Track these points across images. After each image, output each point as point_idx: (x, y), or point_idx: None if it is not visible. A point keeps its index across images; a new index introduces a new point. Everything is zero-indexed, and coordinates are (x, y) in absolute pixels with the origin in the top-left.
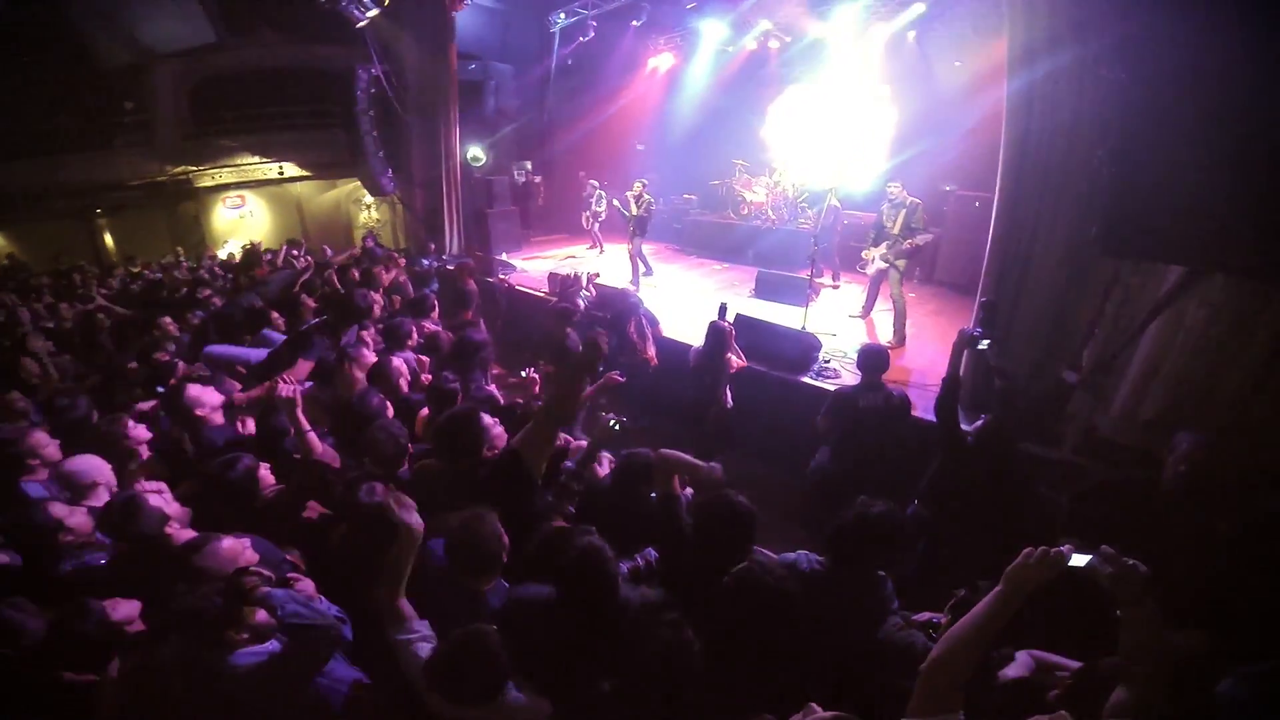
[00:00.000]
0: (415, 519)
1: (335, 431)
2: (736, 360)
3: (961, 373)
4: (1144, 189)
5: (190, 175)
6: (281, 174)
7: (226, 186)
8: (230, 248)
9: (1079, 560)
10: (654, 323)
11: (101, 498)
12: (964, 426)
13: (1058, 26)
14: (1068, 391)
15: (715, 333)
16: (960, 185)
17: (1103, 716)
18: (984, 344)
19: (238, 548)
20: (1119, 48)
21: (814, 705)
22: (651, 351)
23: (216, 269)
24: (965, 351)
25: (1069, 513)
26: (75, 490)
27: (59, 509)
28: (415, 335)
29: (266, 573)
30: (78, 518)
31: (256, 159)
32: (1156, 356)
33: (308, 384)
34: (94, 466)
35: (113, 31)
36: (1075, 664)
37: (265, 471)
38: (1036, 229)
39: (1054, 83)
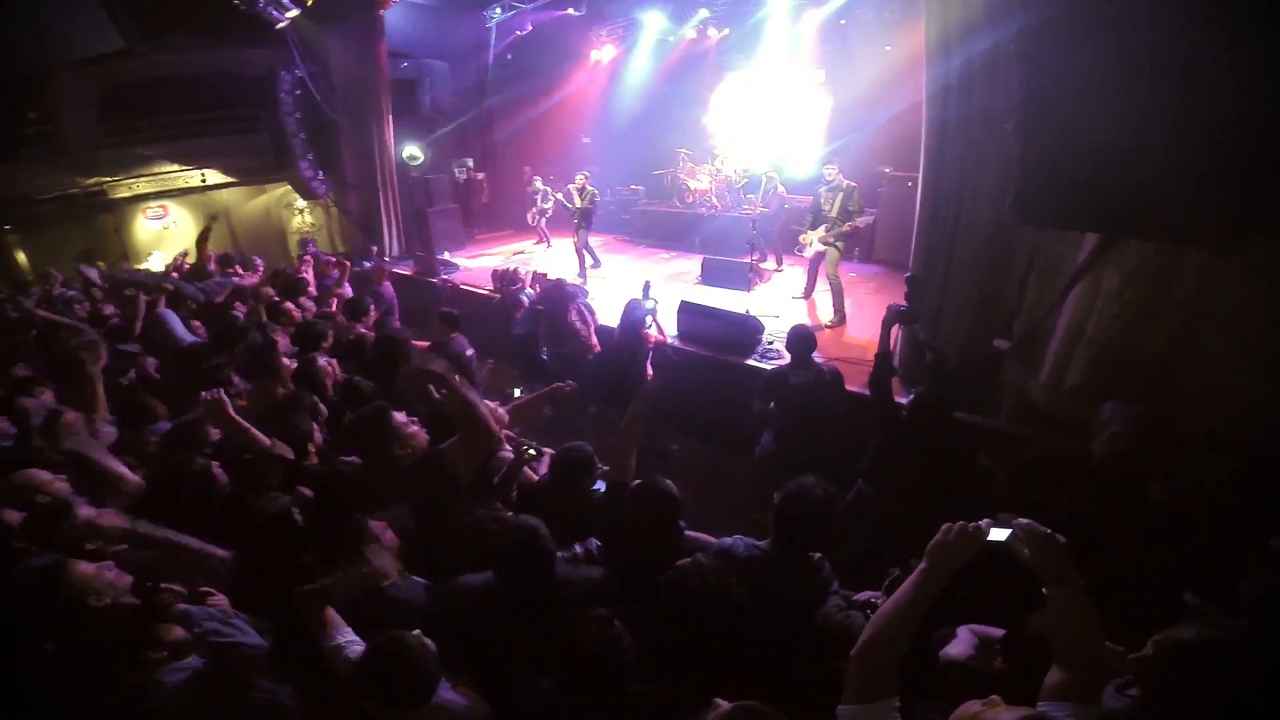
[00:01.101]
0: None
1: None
2: (655, 335)
3: (895, 348)
4: (1052, 158)
5: (105, 186)
6: (204, 182)
7: (146, 197)
8: (154, 261)
9: (999, 535)
10: (591, 312)
11: None
12: (900, 400)
13: (972, 13)
14: (999, 360)
15: (627, 309)
16: (895, 166)
17: (1040, 696)
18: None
19: (90, 570)
20: (1031, 29)
21: (718, 701)
22: (594, 339)
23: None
24: (895, 326)
25: (1007, 485)
26: None
27: (11, 514)
28: (330, 338)
29: (179, 588)
30: None
31: (176, 167)
32: (1079, 323)
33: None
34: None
35: (12, 39)
36: None
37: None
38: (960, 206)
39: (970, 68)
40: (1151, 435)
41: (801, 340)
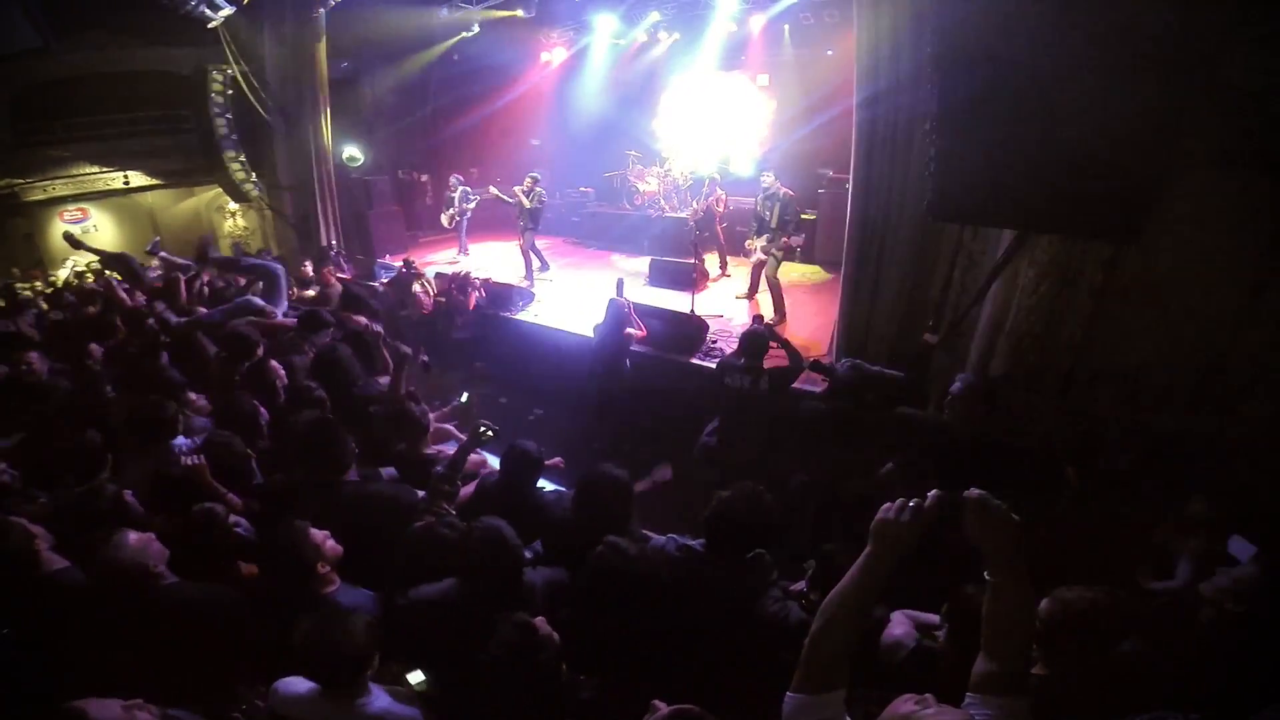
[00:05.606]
0: None
1: None
2: (636, 332)
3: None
4: (967, 158)
5: (16, 189)
6: (127, 184)
7: (63, 199)
8: (69, 266)
9: None
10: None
11: None
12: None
13: (899, 22)
14: (930, 352)
15: (614, 308)
16: (835, 169)
17: (969, 686)
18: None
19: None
20: (946, 34)
21: (657, 703)
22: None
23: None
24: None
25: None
26: None
27: None
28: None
29: None
30: None
31: (96, 169)
32: (999, 315)
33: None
34: None
35: None
36: None
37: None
38: (889, 207)
39: (896, 74)
40: (982, 399)
41: (751, 345)
